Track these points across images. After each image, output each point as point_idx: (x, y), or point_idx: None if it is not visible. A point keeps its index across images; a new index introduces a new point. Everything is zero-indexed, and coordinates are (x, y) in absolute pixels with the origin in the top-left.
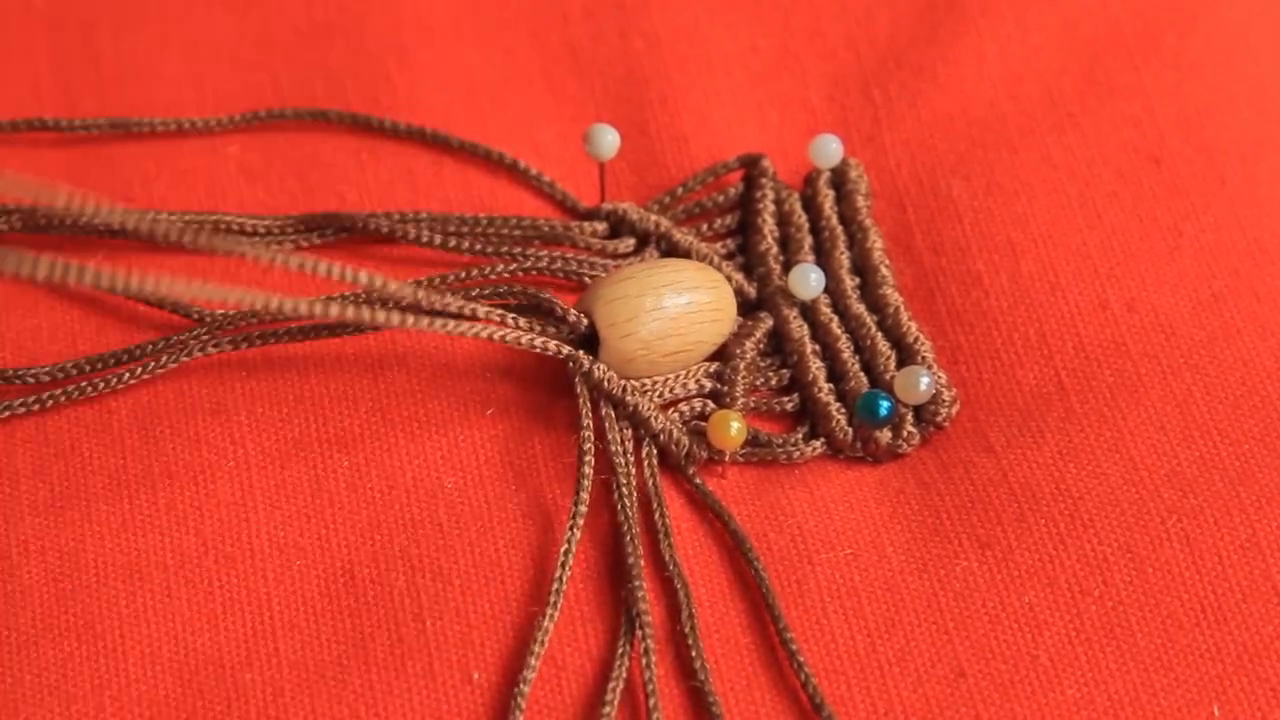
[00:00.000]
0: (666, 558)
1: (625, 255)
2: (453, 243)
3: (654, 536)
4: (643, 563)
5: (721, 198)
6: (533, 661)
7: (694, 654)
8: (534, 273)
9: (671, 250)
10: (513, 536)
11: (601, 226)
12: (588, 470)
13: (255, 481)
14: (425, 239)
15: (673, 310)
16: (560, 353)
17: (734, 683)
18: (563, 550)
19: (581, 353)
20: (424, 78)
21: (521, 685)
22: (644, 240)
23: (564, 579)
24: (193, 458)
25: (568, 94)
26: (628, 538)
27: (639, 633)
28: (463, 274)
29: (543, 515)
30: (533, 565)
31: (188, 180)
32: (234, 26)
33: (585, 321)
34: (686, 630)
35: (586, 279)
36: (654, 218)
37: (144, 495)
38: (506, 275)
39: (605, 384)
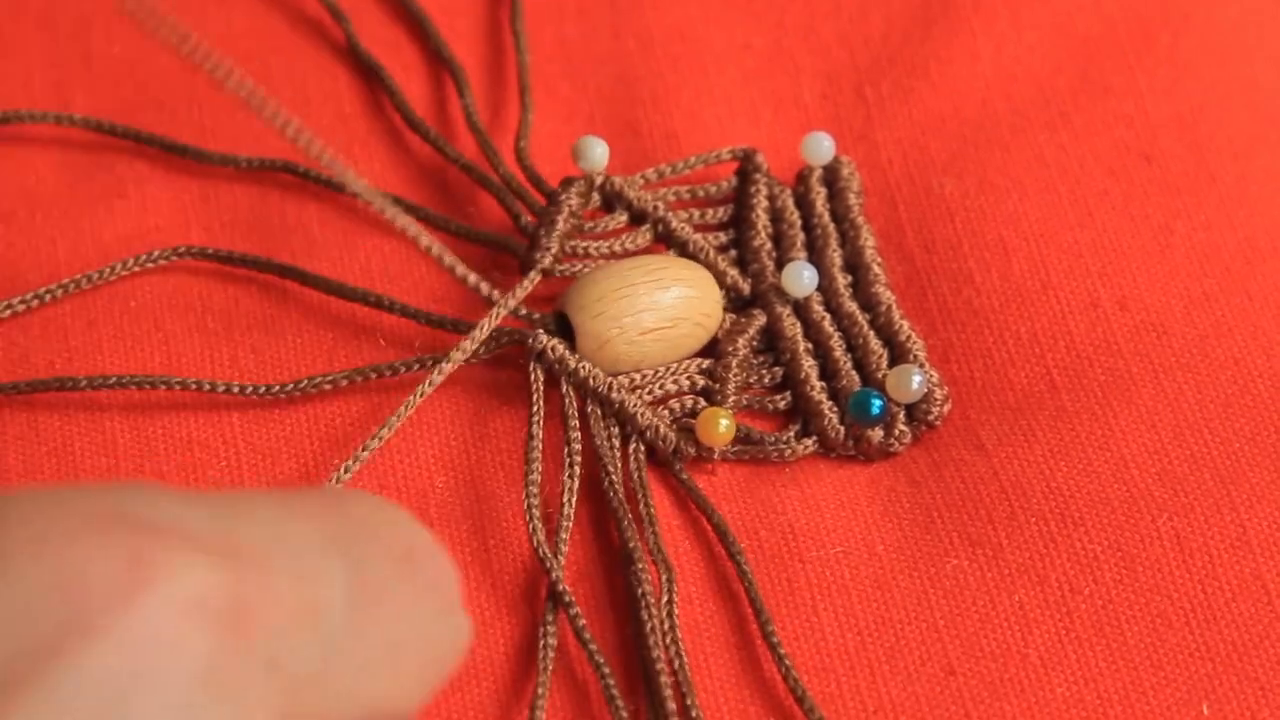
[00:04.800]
0: (651, 545)
1: (616, 232)
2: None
3: (641, 530)
4: (642, 546)
5: (714, 189)
6: (544, 663)
7: (668, 640)
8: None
9: (668, 236)
10: (504, 536)
11: (595, 196)
12: (575, 469)
13: (246, 480)
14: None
15: (641, 287)
16: (550, 351)
17: (721, 677)
18: (557, 542)
19: (565, 350)
20: (415, 76)
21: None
22: (638, 219)
23: (559, 577)
24: (184, 458)
25: (560, 94)
26: (625, 523)
27: (644, 614)
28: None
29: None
30: (525, 564)
31: (181, 180)
32: (228, 24)
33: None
34: (664, 615)
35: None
36: (650, 197)
37: None
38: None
39: (590, 381)
